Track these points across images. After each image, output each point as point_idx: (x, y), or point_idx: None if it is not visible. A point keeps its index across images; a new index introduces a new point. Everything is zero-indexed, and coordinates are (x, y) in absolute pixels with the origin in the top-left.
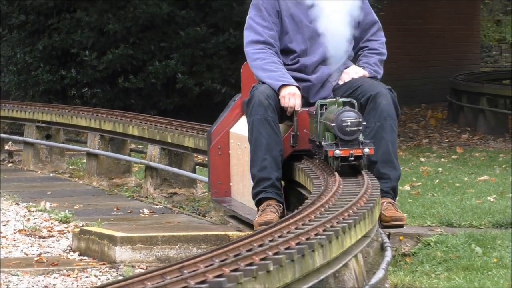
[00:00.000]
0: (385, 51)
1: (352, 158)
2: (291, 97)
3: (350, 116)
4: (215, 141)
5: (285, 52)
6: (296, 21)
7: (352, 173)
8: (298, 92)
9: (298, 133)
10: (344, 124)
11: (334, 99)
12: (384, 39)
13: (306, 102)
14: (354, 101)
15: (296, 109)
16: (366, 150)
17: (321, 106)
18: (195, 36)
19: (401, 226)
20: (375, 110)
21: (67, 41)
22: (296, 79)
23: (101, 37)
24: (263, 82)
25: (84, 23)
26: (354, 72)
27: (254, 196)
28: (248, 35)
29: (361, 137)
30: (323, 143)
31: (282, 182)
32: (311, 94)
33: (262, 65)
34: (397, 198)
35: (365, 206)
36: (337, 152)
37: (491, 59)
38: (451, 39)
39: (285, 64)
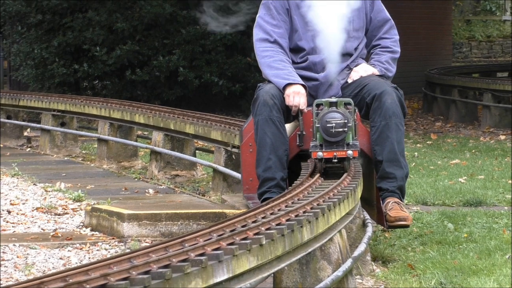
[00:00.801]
0: (397, 49)
1: (336, 160)
2: (295, 96)
3: (335, 117)
4: (246, 138)
5: (295, 50)
6: (305, 19)
7: (339, 174)
8: (302, 91)
9: (304, 133)
10: (328, 125)
11: (331, 99)
12: (397, 37)
13: None
14: (351, 101)
15: (300, 108)
16: (350, 152)
17: (318, 105)
18: (195, 34)
19: (406, 226)
20: (380, 109)
21: (79, 38)
22: (304, 77)
23: (110, 34)
24: (269, 81)
25: (95, 22)
26: (363, 70)
27: (259, 196)
28: (257, 33)
29: (351, 139)
30: (311, 143)
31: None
32: (319, 92)
33: (270, 62)
34: (405, 197)
35: (348, 187)
36: (320, 154)
37: (462, 55)
38: (426, 37)
39: (294, 62)
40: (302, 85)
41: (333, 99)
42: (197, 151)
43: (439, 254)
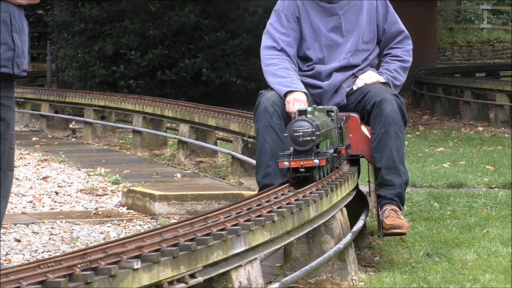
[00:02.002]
0: (408, 58)
1: (303, 169)
2: (295, 103)
3: (303, 126)
4: None
5: (303, 58)
6: (315, 28)
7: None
8: (303, 98)
9: None
10: (295, 134)
11: (313, 107)
12: (409, 47)
13: None
14: (333, 108)
15: None
16: (316, 161)
17: (300, 112)
18: (216, 40)
19: (401, 234)
20: (380, 116)
21: (117, 44)
22: (309, 85)
23: (143, 40)
24: (271, 88)
25: (130, 30)
26: (367, 77)
27: None
28: (265, 40)
29: (325, 147)
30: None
31: None
32: (324, 100)
33: (274, 70)
34: (405, 204)
35: (347, 172)
36: (286, 163)
37: (445, 58)
38: (414, 42)
39: (301, 70)
40: (304, 92)
41: (326, 107)
42: (218, 141)
43: (426, 229)
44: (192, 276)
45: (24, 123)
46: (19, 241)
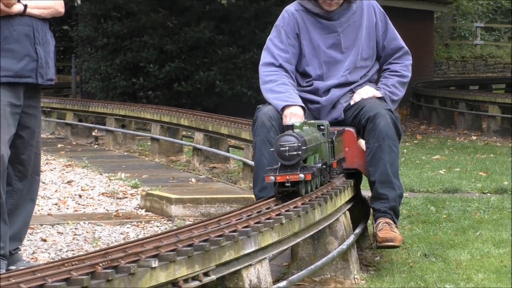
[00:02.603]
0: (407, 73)
1: (289, 184)
2: (292, 117)
3: (289, 141)
4: None
5: (302, 74)
6: (314, 45)
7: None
8: (300, 112)
9: None
10: (282, 149)
11: (304, 121)
12: (408, 62)
13: None
14: (326, 124)
15: None
16: (301, 175)
17: (287, 127)
18: (228, 54)
19: (394, 247)
20: (374, 131)
21: (137, 57)
22: (307, 100)
23: (161, 54)
24: (269, 103)
25: (149, 45)
26: (364, 92)
27: None
28: (264, 57)
29: (312, 161)
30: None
31: None
32: (322, 115)
33: (272, 87)
34: (399, 217)
35: (348, 180)
36: (272, 178)
37: (442, 72)
38: (412, 57)
39: (300, 85)
40: (301, 106)
41: (317, 121)
42: (230, 148)
43: (423, 231)
44: (206, 274)
45: (50, 131)
46: (45, 240)
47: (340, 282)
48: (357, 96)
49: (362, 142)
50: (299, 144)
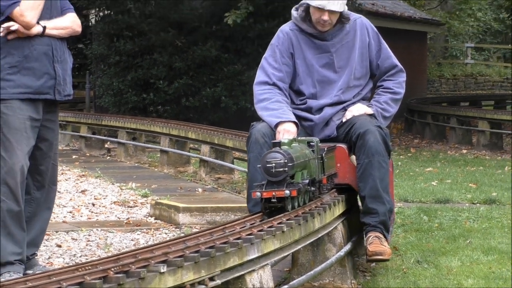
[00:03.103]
0: (400, 90)
1: (275, 200)
2: (285, 133)
3: (276, 158)
4: None
5: (296, 92)
6: (308, 64)
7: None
8: (293, 129)
9: None
10: (268, 165)
11: (294, 138)
12: (402, 79)
13: None
14: (315, 140)
15: None
16: (287, 192)
17: (274, 144)
18: (233, 71)
19: (383, 260)
20: (364, 147)
21: (147, 74)
22: (301, 117)
23: (170, 71)
24: (263, 120)
25: (159, 62)
26: (356, 109)
27: None
28: (258, 75)
29: (300, 178)
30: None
31: None
32: (315, 132)
33: (266, 105)
34: (390, 231)
35: (340, 196)
36: (258, 194)
37: (434, 89)
38: (407, 75)
39: (294, 103)
40: (294, 122)
41: (306, 138)
42: (234, 160)
43: (416, 239)
44: (211, 279)
45: (65, 143)
46: (60, 246)
47: (338, 287)
48: (349, 114)
49: (353, 158)
50: (286, 160)
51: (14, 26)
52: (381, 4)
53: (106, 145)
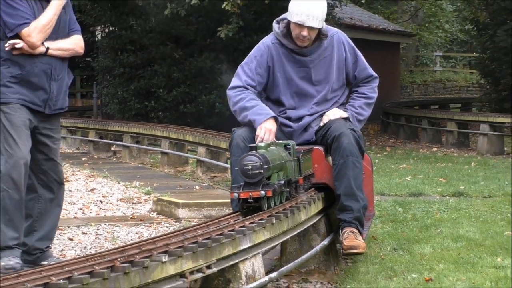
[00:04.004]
0: (373, 94)
1: (252, 200)
2: (266, 132)
3: (252, 161)
4: None
5: (276, 102)
6: (287, 77)
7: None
8: (273, 126)
9: None
10: (245, 168)
11: (271, 142)
12: (375, 84)
13: None
14: (292, 143)
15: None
16: (263, 192)
17: (251, 148)
18: (226, 80)
19: (358, 253)
20: (338, 149)
21: (148, 84)
22: (281, 123)
23: (170, 81)
24: (243, 125)
25: (159, 73)
26: (332, 114)
27: None
28: (232, 82)
29: (276, 179)
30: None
31: None
32: (294, 137)
33: (243, 104)
34: (365, 228)
35: (316, 194)
36: (235, 194)
37: (407, 94)
38: (381, 82)
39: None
40: (274, 117)
41: (283, 141)
42: (228, 160)
43: (392, 229)
44: (208, 267)
45: (75, 147)
46: (71, 240)
47: (323, 273)
48: (325, 118)
49: (330, 159)
50: (261, 163)
51: (19, 44)
52: (358, 18)
53: (112, 148)
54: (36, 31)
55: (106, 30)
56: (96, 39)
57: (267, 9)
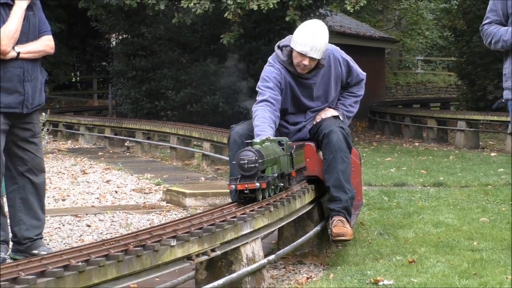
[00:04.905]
0: (361, 92)
1: (248, 191)
2: None
3: (248, 155)
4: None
5: (282, 110)
6: (295, 97)
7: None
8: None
9: None
10: (241, 162)
11: (266, 138)
12: (363, 83)
13: None
14: (285, 140)
15: None
16: (257, 184)
17: (247, 144)
18: (229, 82)
19: (346, 240)
20: (328, 145)
21: (158, 85)
22: (280, 125)
23: (177, 83)
24: (241, 123)
25: (168, 76)
26: (324, 113)
27: None
28: (257, 98)
29: (270, 172)
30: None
31: None
32: (290, 136)
33: (254, 122)
34: (354, 216)
35: (308, 186)
36: (233, 186)
37: (392, 94)
38: (368, 83)
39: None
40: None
41: (277, 138)
42: None
43: (379, 215)
44: (213, 250)
45: (93, 142)
46: (89, 226)
47: (316, 255)
48: (318, 117)
49: (321, 154)
50: (256, 158)
51: None
52: (347, 26)
53: (126, 144)
54: (4, 38)
55: (120, 37)
56: (111, 45)
57: (264, 18)
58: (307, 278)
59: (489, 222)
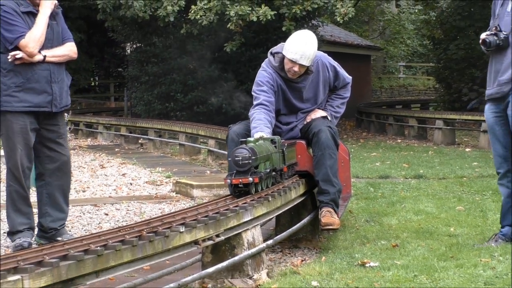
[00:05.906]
0: (347, 94)
1: (242, 185)
2: None
3: (242, 152)
4: None
5: (275, 112)
6: (286, 99)
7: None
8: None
9: None
10: (236, 158)
11: (260, 137)
12: (349, 86)
13: None
14: (277, 138)
15: None
16: (250, 179)
17: (241, 142)
18: (231, 86)
19: (334, 229)
20: (317, 143)
21: (168, 89)
22: (275, 125)
23: (185, 87)
24: (238, 122)
25: (177, 80)
26: (313, 114)
27: None
28: (253, 102)
29: (263, 167)
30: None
31: None
32: (282, 135)
33: (252, 123)
34: (343, 207)
35: (299, 180)
36: (228, 180)
37: (377, 96)
38: (355, 87)
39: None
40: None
41: (271, 136)
42: None
43: (365, 204)
44: (217, 236)
45: (110, 140)
46: (107, 214)
47: (309, 240)
48: (308, 117)
49: (311, 151)
50: (250, 155)
51: (19, 54)
52: (337, 35)
53: (139, 141)
54: (31, 41)
55: (134, 46)
56: (126, 53)
57: (263, 28)
58: (302, 260)
59: (464, 210)
